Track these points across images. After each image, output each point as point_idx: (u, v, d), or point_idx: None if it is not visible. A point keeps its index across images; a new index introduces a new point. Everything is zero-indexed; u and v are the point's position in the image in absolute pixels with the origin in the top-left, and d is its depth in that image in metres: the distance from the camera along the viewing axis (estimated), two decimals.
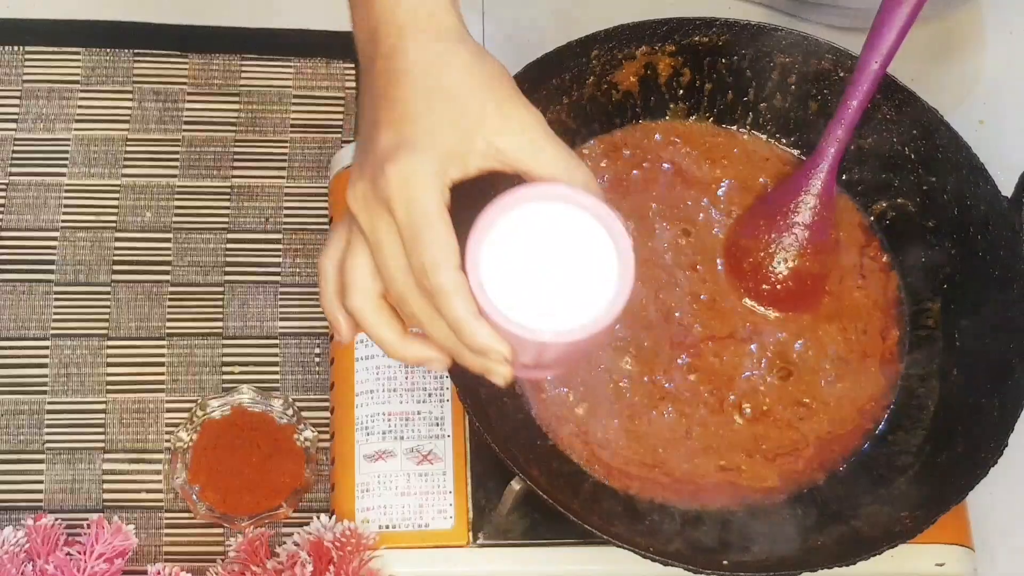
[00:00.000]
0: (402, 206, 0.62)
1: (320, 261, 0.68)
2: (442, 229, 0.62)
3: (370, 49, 0.66)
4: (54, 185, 0.97)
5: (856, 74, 0.81)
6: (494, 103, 0.64)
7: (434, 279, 0.61)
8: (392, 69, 0.64)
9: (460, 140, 0.63)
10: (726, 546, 0.78)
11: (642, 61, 0.86)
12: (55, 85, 1.00)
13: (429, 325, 0.64)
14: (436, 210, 0.62)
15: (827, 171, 0.84)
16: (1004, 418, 0.77)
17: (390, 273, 0.63)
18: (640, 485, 0.81)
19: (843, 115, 0.82)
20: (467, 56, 0.65)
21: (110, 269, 0.95)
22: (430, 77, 0.64)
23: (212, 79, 1.01)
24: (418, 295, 0.63)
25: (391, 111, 0.64)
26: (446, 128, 0.63)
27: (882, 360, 0.85)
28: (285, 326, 0.94)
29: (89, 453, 0.90)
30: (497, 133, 0.63)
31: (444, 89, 0.63)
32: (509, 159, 0.64)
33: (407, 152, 0.62)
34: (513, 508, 0.79)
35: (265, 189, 0.98)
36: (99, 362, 0.92)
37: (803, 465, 0.82)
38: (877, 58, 0.81)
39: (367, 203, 0.63)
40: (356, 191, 0.64)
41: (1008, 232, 0.81)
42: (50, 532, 0.83)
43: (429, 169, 0.62)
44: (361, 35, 0.67)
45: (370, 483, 0.84)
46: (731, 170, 0.88)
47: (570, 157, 0.64)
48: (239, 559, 0.82)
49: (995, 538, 0.89)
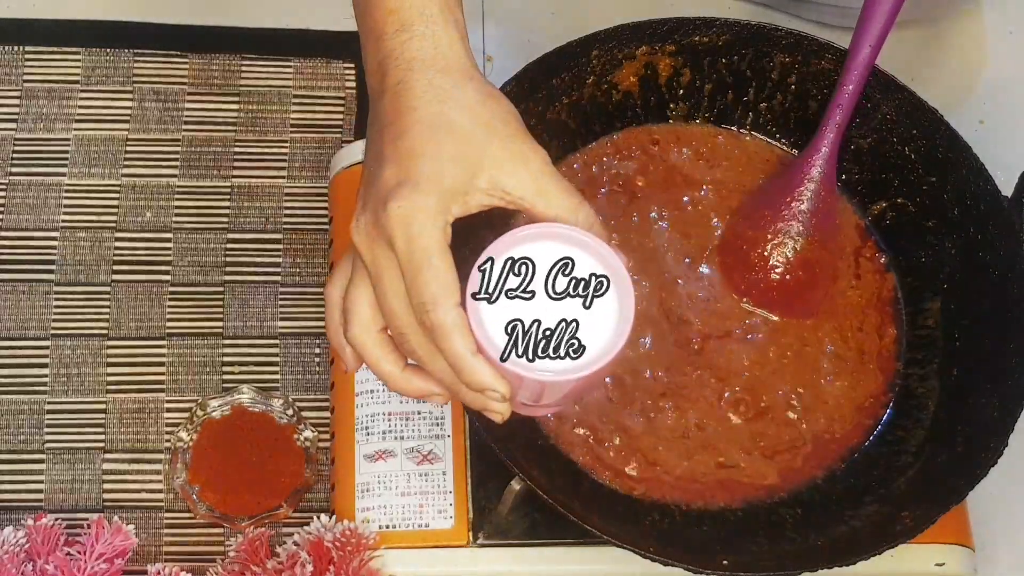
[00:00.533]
0: (403, 243, 0.62)
1: (326, 290, 0.69)
2: (442, 266, 0.62)
3: (378, 81, 0.66)
4: (54, 185, 0.97)
5: (850, 55, 0.82)
6: (499, 141, 0.64)
7: (434, 316, 0.62)
8: (399, 102, 0.65)
9: (463, 177, 0.63)
10: (726, 546, 0.78)
11: (642, 61, 0.86)
12: (55, 85, 1.00)
13: (428, 361, 0.64)
14: (437, 247, 0.62)
15: (827, 157, 0.83)
16: (1004, 418, 0.77)
17: (390, 308, 0.64)
18: (640, 484, 0.81)
19: (840, 99, 0.82)
20: (474, 93, 0.65)
21: (110, 269, 0.95)
22: (436, 113, 0.64)
23: (212, 79, 1.01)
24: (417, 331, 0.63)
25: (396, 145, 0.64)
26: (449, 165, 0.63)
27: (880, 359, 0.85)
28: (285, 326, 0.94)
29: (89, 453, 0.90)
30: (501, 171, 0.64)
31: (450, 125, 0.64)
32: (513, 197, 0.64)
33: (410, 190, 0.62)
34: (513, 508, 0.79)
35: (265, 189, 0.98)
36: (99, 362, 0.92)
37: (802, 463, 0.82)
38: (870, 40, 0.81)
39: (369, 237, 0.64)
40: (359, 224, 0.64)
41: (1008, 232, 0.81)
42: (50, 532, 0.83)
43: (431, 207, 0.62)
44: (370, 66, 0.67)
45: (370, 483, 0.84)
46: (731, 170, 0.88)
47: (573, 196, 0.65)
48: (239, 559, 0.82)
49: (995, 538, 0.89)
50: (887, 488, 0.80)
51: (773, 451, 0.82)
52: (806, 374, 0.84)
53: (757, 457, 0.82)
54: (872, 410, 0.84)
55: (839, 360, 0.84)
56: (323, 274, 0.95)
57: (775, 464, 0.82)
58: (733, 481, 0.81)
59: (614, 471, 0.81)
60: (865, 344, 0.85)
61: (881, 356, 0.85)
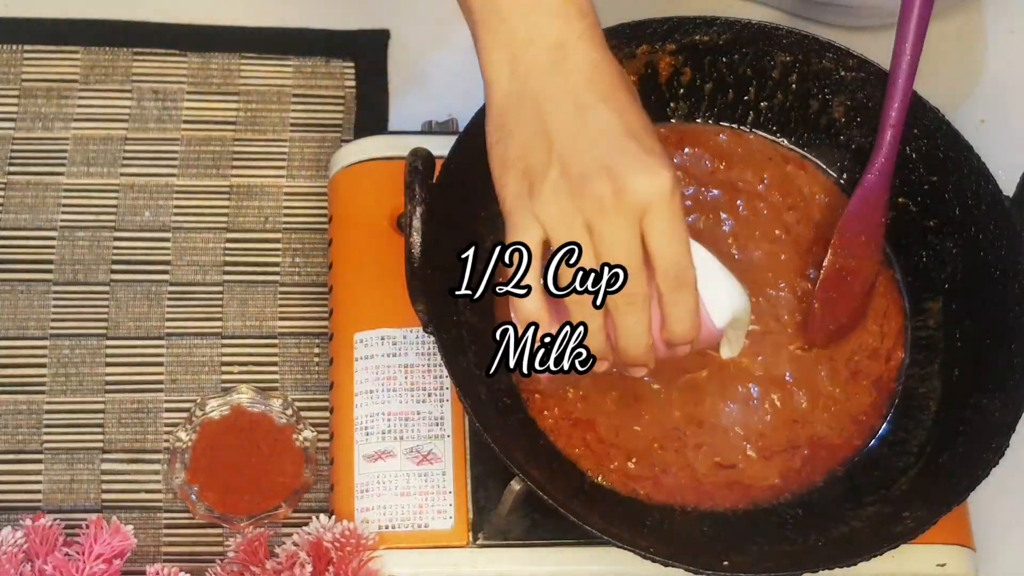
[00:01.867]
0: (666, 210, 0.65)
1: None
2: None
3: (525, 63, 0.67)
4: (52, 184, 0.97)
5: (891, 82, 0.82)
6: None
7: (685, 276, 0.66)
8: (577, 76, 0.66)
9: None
10: (726, 546, 0.78)
11: (642, 60, 0.86)
12: (54, 84, 1.00)
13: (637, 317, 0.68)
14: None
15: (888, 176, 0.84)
16: (1005, 418, 0.77)
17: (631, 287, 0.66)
18: (640, 485, 0.80)
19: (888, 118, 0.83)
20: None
21: (109, 269, 0.95)
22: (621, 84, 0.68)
23: (211, 78, 1.01)
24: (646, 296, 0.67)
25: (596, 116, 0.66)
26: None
27: (882, 359, 0.85)
28: (284, 326, 0.94)
29: (88, 453, 0.90)
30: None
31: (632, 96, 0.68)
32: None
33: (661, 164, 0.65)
34: (513, 508, 0.79)
35: (264, 188, 0.98)
36: (98, 362, 0.92)
37: (802, 464, 0.82)
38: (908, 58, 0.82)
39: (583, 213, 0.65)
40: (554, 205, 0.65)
41: (1009, 231, 0.81)
42: (48, 532, 0.82)
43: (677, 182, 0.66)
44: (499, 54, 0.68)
45: (370, 483, 0.84)
46: (733, 169, 0.88)
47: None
48: (238, 559, 0.82)
49: (996, 538, 0.89)
50: (888, 489, 0.80)
51: (773, 452, 0.82)
52: (807, 375, 0.84)
53: (757, 458, 0.82)
54: (873, 411, 0.84)
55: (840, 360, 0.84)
56: (323, 274, 0.95)
57: (775, 465, 0.82)
58: (733, 482, 0.81)
59: (614, 471, 0.81)
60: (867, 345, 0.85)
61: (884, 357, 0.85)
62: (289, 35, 1.03)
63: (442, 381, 0.86)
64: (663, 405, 0.82)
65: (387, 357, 0.86)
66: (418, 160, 0.76)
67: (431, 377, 0.86)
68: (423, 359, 0.86)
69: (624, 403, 0.82)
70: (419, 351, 0.86)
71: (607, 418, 0.81)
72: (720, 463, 0.81)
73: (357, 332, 0.87)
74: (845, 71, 0.85)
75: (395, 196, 0.86)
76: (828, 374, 0.84)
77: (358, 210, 0.91)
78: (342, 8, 1.04)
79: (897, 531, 0.75)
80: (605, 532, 0.73)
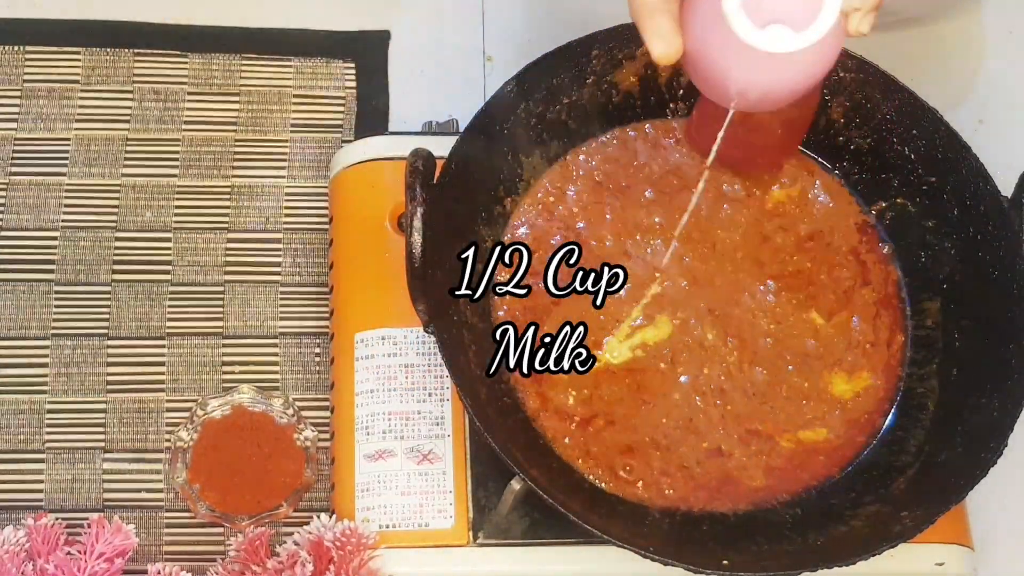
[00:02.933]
0: None
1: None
2: None
3: None
4: (54, 185, 0.97)
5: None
6: None
7: None
8: None
9: None
10: (726, 546, 0.78)
11: (642, 61, 0.86)
12: (55, 85, 1.00)
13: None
14: None
15: None
16: (1004, 418, 0.77)
17: None
18: (640, 485, 0.81)
19: None
20: None
21: (110, 269, 0.95)
22: None
23: (212, 79, 1.01)
24: None
25: None
26: None
27: (881, 358, 0.85)
28: (285, 326, 0.94)
29: (89, 453, 0.90)
30: None
31: None
32: None
33: None
34: (513, 508, 0.79)
35: (265, 189, 0.98)
36: (99, 362, 0.92)
37: (801, 463, 0.82)
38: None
39: None
40: None
41: (1008, 232, 0.81)
42: (50, 532, 0.83)
43: None
44: None
45: (370, 483, 0.84)
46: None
47: None
48: (239, 559, 0.82)
49: (995, 538, 0.89)
50: (887, 488, 0.80)
51: (773, 452, 0.82)
52: (808, 374, 0.84)
53: (757, 458, 0.82)
54: (872, 411, 0.84)
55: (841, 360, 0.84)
56: (323, 274, 0.95)
57: (775, 465, 0.82)
58: (734, 481, 0.81)
59: (614, 471, 0.81)
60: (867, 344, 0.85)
61: (883, 356, 0.85)
62: (290, 36, 1.03)
63: (442, 381, 0.86)
64: (663, 406, 0.82)
65: (387, 357, 0.86)
66: (419, 160, 0.76)
67: (431, 377, 0.86)
68: (423, 359, 0.86)
69: (624, 403, 0.82)
70: (419, 351, 0.86)
71: (607, 418, 0.82)
72: (720, 463, 0.82)
73: (358, 332, 0.87)
74: (844, 72, 0.85)
75: (395, 196, 0.87)
76: (828, 373, 0.84)
77: (359, 210, 0.91)
78: (342, 9, 1.04)
79: (896, 530, 0.75)
80: (605, 532, 0.73)
